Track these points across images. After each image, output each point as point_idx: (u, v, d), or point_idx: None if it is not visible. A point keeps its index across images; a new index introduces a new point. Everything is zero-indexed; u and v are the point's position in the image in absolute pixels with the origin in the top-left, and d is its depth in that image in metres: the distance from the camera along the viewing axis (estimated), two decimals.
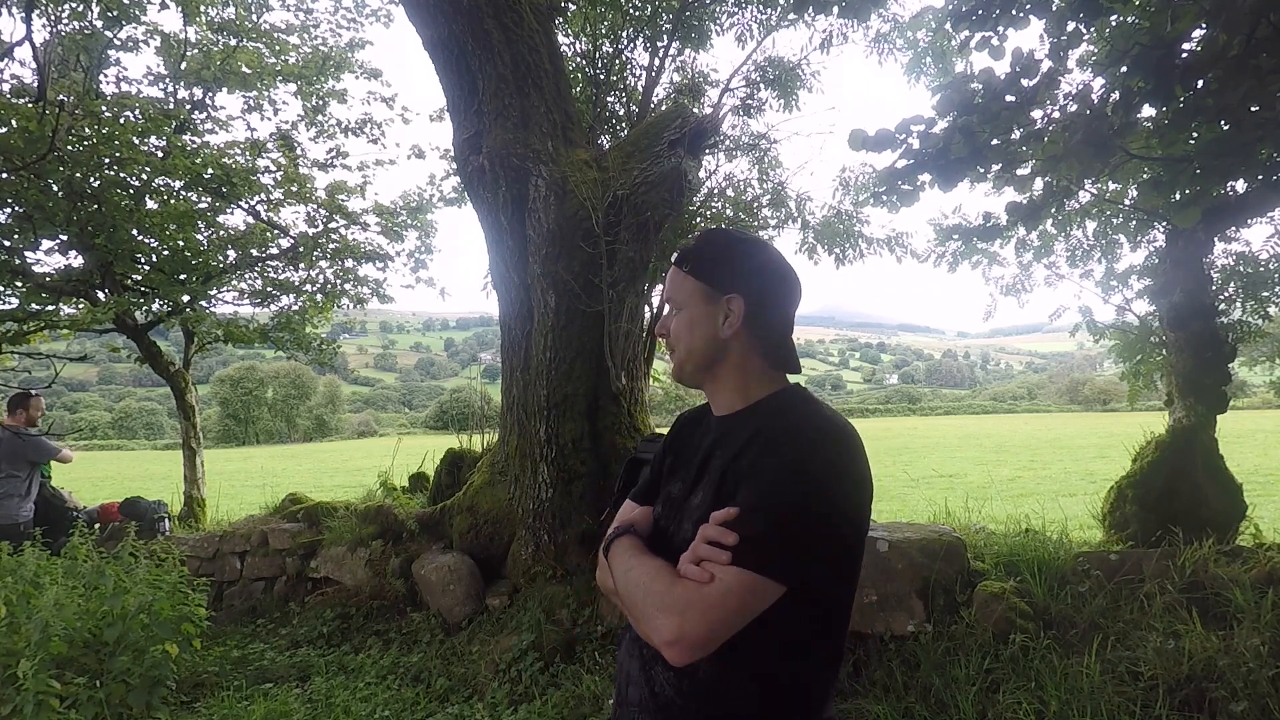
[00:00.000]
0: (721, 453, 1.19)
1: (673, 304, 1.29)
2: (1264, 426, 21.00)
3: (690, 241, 1.33)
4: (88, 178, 6.19)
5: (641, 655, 1.20)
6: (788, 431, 1.11)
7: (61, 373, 6.19)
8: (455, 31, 4.27)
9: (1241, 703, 2.55)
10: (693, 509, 1.17)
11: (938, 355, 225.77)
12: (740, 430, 1.18)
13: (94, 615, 3.59)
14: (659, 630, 1.02)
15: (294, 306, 8.01)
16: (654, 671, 1.17)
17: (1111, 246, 5.19)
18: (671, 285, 1.29)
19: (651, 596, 1.06)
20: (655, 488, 1.33)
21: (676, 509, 1.22)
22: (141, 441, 52.20)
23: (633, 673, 1.22)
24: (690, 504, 1.19)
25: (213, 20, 7.39)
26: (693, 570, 1.04)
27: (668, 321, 1.29)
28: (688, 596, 1.02)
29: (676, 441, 1.35)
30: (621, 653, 1.29)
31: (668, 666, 1.12)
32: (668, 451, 1.35)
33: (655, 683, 1.16)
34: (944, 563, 3.33)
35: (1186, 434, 3.91)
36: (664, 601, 1.03)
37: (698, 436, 1.30)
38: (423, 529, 4.75)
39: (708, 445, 1.23)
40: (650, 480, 1.36)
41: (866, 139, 2.92)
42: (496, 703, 3.43)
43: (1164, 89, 2.43)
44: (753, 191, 6.14)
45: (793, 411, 1.16)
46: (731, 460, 1.14)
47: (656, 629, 1.03)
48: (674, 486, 1.26)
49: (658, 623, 1.03)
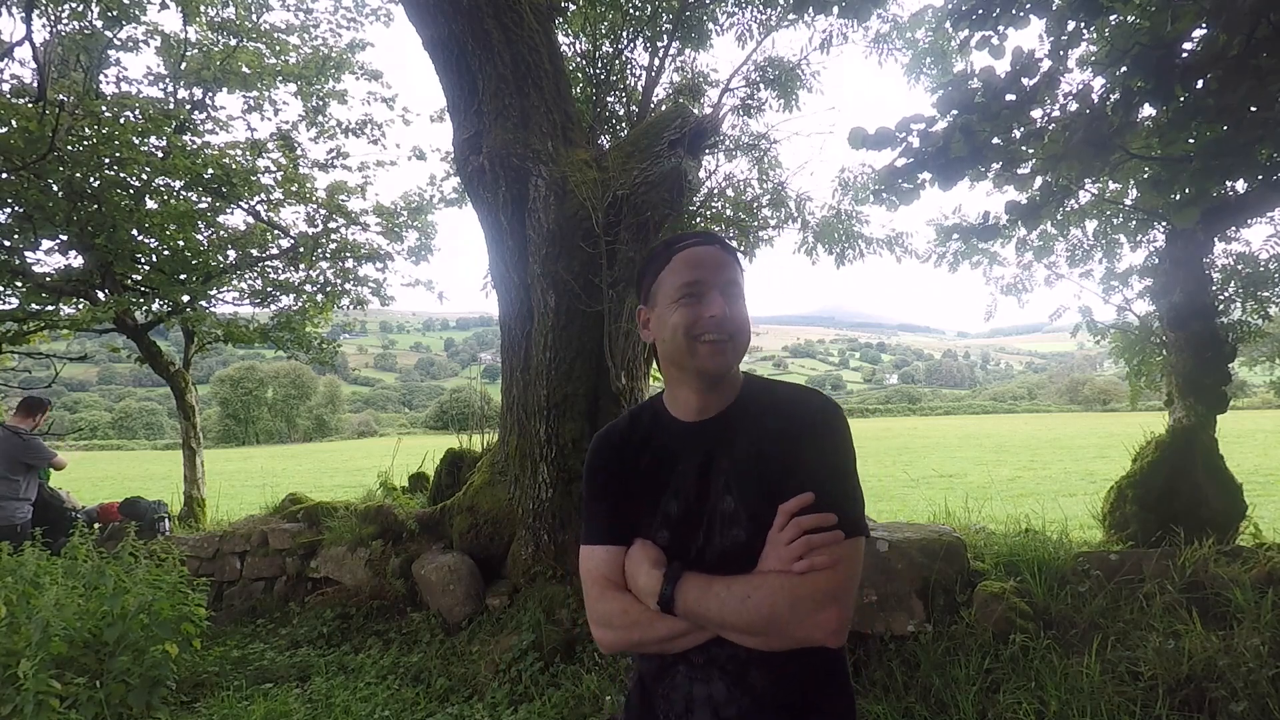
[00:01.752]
0: (728, 453, 1.19)
1: (734, 287, 1.20)
2: (1264, 426, 21.01)
3: (702, 231, 1.30)
4: (88, 178, 6.19)
5: (726, 673, 1.18)
6: (799, 407, 1.19)
7: (61, 373, 6.19)
8: (455, 31, 4.27)
9: (1241, 703, 2.55)
10: (728, 515, 1.17)
11: (938, 355, 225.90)
12: (738, 425, 1.21)
13: (94, 615, 3.59)
14: (822, 625, 1.08)
15: (294, 306, 8.01)
16: (750, 679, 1.17)
17: (1111, 246, 5.19)
18: (727, 268, 1.20)
19: (799, 603, 1.07)
20: (622, 517, 1.24)
21: (694, 522, 1.19)
22: (141, 441, 52.22)
23: (718, 695, 1.18)
24: (719, 511, 1.17)
25: (213, 20, 7.40)
26: (821, 560, 1.08)
27: (733, 301, 1.19)
28: (830, 586, 1.08)
29: (621, 461, 1.26)
30: (681, 686, 1.22)
31: (764, 665, 1.16)
32: (616, 476, 1.26)
33: (756, 687, 1.17)
34: (944, 563, 3.33)
35: (1186, 434, 3.91)
36: (816, 600, 1.07)
37: (653, 448, 1.25)
38: (423, 529, 4.75)
39: (698, 450, 1.21)
40: (608, 512, 1.25)
41: (866, 138, 2.92)
42: (496, 703, 3.43)
43: (1164, 89, 2.42)
44: (753, 191, 6.15)
45: (778, 392, 1.24)
46: (751, 455, 1.18)
47: (818, 625, 1.08)
48: (670, 505, 1.21)
49: (818, 619, 1.08)
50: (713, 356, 1.16)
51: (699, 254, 1.20)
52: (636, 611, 1.18)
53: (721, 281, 1.18)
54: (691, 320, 1.17)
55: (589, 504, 1.29)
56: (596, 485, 1.28)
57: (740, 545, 1.15)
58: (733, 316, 1.17)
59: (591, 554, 1.25)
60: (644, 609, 1.17)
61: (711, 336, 1.16)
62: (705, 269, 1.18)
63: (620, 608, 1.19)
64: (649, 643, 1.18)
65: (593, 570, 1.24)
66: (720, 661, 1.17)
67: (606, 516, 1.25)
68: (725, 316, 1.16)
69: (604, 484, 1.27)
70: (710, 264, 1.19)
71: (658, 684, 1.25)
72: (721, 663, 1.17)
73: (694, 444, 1.22)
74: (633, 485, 1.24)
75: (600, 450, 1.30)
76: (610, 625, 1.20)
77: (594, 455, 1.30)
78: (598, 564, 1.23)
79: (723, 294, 1.18)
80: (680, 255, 1.21)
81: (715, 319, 1.16)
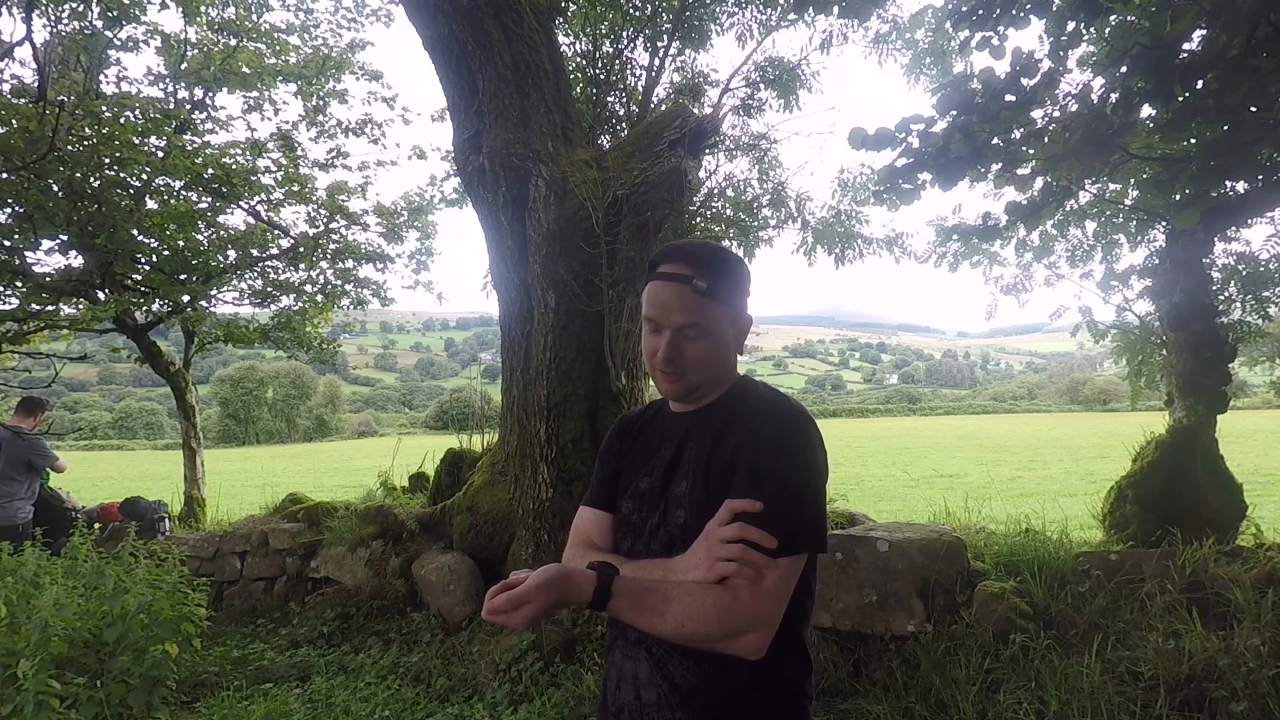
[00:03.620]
0: (696, 444, 1.23)
1: (695, 330, 1.19)
2: (1264, 426, 21.01)
3: (689, 253, 1.22)
4: (88, 178, 6.19)
5: (651, 655, 1.21)
6: (765, 415, 1.18)
7: (61, 373, 6.18)
8: (455, 31, 4.27)
9: (1241, 703, 2.55)
10: (678, 497, 1.21)
11: (938, 355, 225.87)
12: (712, 420, 1.24)
13: (94, 615, 3.59)
14: (742, 647, 1.10)
15: (294, 307, 8.01)
16: (670, 666, 1.19)
17: (1111, 246, 5.19)
18: (686, 310, 1.18)
19: (715, 624, 1.08)
20: (613, 488, 1.35)
21: (653, 501, 1.25)
22: (141, 441, 52.20)
23: (641, 675, 1.22)
24: (673, 493, 1.23)
25: (213, 20, 7.40)
26: (741, 570, 1.08)
27: (682, 346, 1.20)
28: (753, 610, 1.08)
29: (625, 440, 1.39)
30: (617, 660, 1.28)
31: (686, 656, 1.17)
32: (617, 453, 1.38)
33: (674, 676, 1.18)
34: (944, 563, 3.33)
35: (1186, 434, 3.91)
36: (733, 624, 1.08)
37: (650, 432, 1.35)
38: (423, 529, 4.75)
39: (676, 438, 1.28)
40: (605, 481, 1.37)
41: (866, 138, 2.93)
42: (496, 703, 3.43)
43: (1164, 89, 2.42)
44: (753, 191, 6.16)
45: (758, 398, 1.24)
46: (711, 449, 1.20)
47: (740, 647, 1.10)
48: (642, 482, 1.29)
49: (740, 643, 1.09)
50: (664, 386, 1.25)
51: (661, 291, 1.21)
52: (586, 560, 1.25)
53: (674, 325, 1.19)
54: (650, 350, 1.23)
55: (594, 473, 1.42)
56: (599, 456, 1.42)
57: (678, 527, 1.19)
58: (680, 359, 1.20)
59: (580, 513, 1.38)
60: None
61: (661, 371, 1.23)
62: (661, 309, 1.20)
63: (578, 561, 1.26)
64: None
65: (574, 527, 1.38)
66: (648, 643, 1.21)
67: (597, 484, 1.38)
68: (669, 360, 1.20)
69: (603, 456, 1.41)
70: (667, 306, 1.20)
71: (608, 656, 1.33)
72: (649, 644, 1.21)
73: (675, 431, 1.29)
74: (624, 462, 1.36)
75: (615, 429, 1.44)
76: None
77: (610, 432, 1.44)
78: (580, 522, 1.37)
79: (675, 337, 1.19)
80: (651, 284, 1.23)
81: (661, 359, 1.20)
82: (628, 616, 1.15)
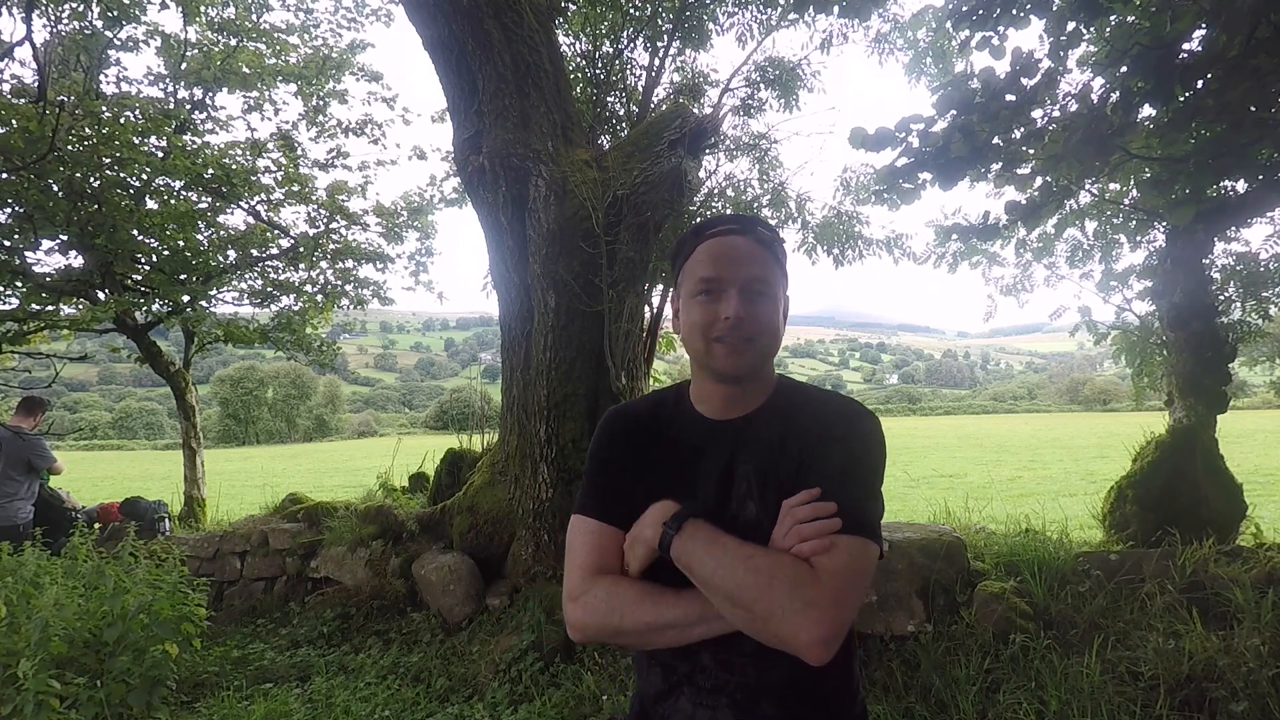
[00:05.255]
0: (755, 460, 1.10)
1: (758, 284, 1.09)
2: (1264, 426, 21.00)
3: (736, 217, 1.15)
4: (88, 178, 6.19)
5: (735, 704, 1.09)
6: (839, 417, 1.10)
7: (61, 373, 6.18)
8: (455, 31, 4.27)
9: (1241, 703, 2.55)
10: (750, 523, 1.08)
11: (938, 355, 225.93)
12: (768, 431, 1.12)
13: (94, 615, 3.58)
14: (806, 628, 0.94)
15: (294, 307, 8.01)
16: (761, 710, 1.09)
17: (1111, 246, 5.19)
18: (753, 262, 1.09)
19: (782, 592, 0.95)
20: (630, 500, 1.14)
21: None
22: (141, 441, 52.16)
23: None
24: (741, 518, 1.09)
25: (213, 20, 7.40)
26: (821, 544, 0.99)
27: (754, 303, 1.08)
28: (825, 586, 0.96)
29: (640, 440, 1.19)
30: (685, 709, 1.13)
31: (779, 702, 1.07)
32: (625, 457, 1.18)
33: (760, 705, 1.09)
34: (944, 563, 3.33)
35: (1187, 434, 3.91)
36: (804, 596, 0.95)
37: (672, 438, 1.17)
38: (423, 529, 4.75)
39: (723, 451, 1.13)
40: (617, 490, 1.16)
41: (866, 137, 2.93)
42: (496, 703, 3.43)
43: (1164, 89, 2.42)
44: (753, 191, 6.16)
45: (818, 400, 1.15)
46: (775, 462, 1.09)
47: (802, 625, 0.94)
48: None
49: (803, 619, 0.94)
50: (727, 358, 1.08)
51: (722, 245, 1.09)
52: (621, 589, 1.08)
53: (743, 278, 1.07)
54: (707, 320, 1.08)
55: (589, 477, 1.20)
56: (597, 463, 1.20)
57: None
58: (752, 318, 1.07)
59: (583, 525, 1.15)
60: (629, 588, 1.08)
61: (727, 339, 1.07)
62: (726, 264, 1.08)
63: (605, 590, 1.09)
64: (628, 631, 1.06)
65: (577, 542, 1.14)
66: (729, 689, 1.08)
67: (605, 493, 1.17)
68: (741, 319, 1.06)
69: (606, 460, 1.19)
70: (733, 258, 1.08)
71: (658, 706, 1.16)
72: (730, 690, 1.08)
73: (717, 443, 1.14)
74: (639, 473, 1.16)
75: (616, 428, 1.21)
76: (587, 605, 1.09)
77: (603, 433, 1.22)
78: (596, 541, 1.13)
79: (743, 292, 1.07)
80: (704, 245, 1.11)
81: (729, 321, 1.06)
82: (691, 559, 1.01)
